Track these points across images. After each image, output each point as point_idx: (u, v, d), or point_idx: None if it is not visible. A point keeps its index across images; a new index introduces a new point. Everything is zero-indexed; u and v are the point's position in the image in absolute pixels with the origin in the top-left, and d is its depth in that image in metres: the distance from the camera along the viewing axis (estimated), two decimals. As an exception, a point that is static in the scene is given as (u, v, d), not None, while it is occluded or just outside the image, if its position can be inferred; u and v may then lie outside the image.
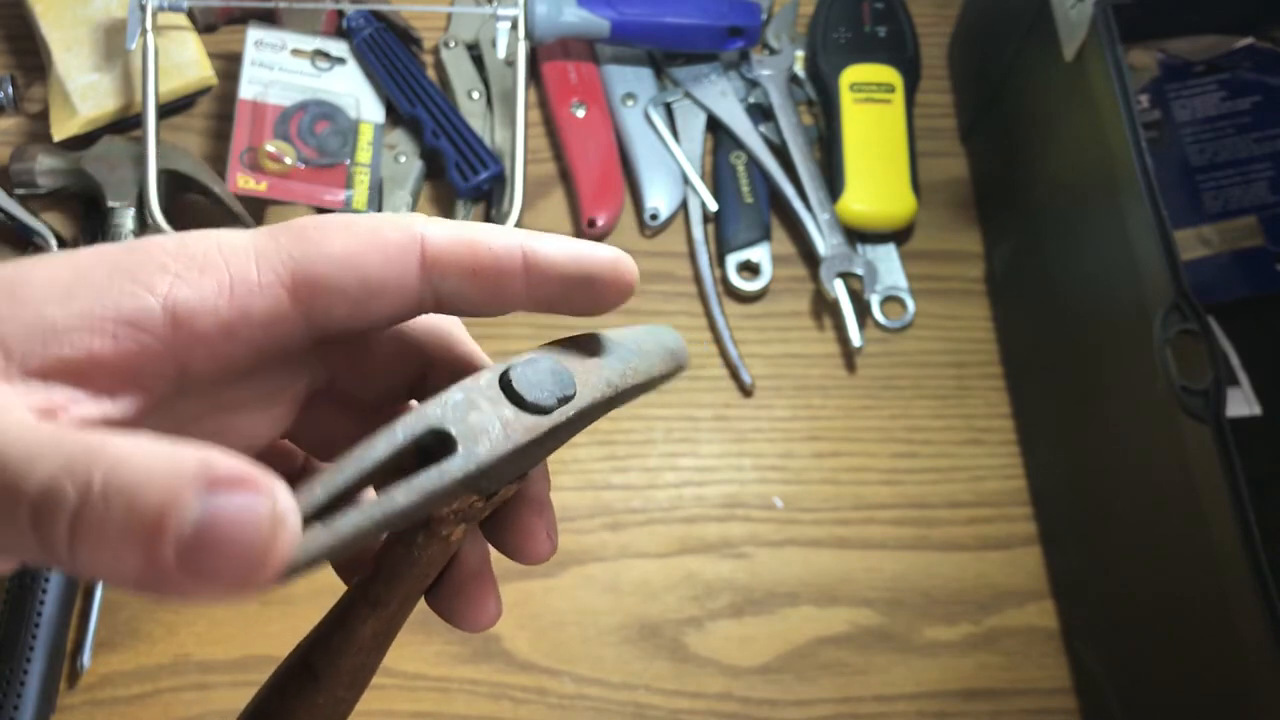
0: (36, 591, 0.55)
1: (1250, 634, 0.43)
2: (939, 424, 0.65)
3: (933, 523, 0.63)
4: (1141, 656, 0.55)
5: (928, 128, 0.72)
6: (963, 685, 0.60)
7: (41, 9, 0.67)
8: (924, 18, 0.74)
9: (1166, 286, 0.47)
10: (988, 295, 0.69)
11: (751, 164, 0.70)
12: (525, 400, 0.25)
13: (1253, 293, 0.63)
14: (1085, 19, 0.52)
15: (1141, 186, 0.48)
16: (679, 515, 0.62)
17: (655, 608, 0.60)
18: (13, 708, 0.53)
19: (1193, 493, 0.46)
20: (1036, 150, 0.62)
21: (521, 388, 0.25)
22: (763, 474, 0.64)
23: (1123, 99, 0.50)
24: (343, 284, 0.23)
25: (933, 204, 0.70)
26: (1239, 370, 0.62)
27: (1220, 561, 0.45)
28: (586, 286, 0.26)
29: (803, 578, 0.61)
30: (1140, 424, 0.51)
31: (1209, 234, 0.64)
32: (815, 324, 0.68)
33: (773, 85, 0.72)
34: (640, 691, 0.59)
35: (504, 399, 0.25)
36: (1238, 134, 0.65)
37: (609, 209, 0.68)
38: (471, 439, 0.23)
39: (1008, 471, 0.64)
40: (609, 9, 0.68)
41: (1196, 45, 0.65)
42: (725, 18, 0.70)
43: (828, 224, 0.68)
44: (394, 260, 0.24)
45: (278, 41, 0.68)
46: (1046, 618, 0.61)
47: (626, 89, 0.71)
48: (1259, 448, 0.51)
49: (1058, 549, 0.62)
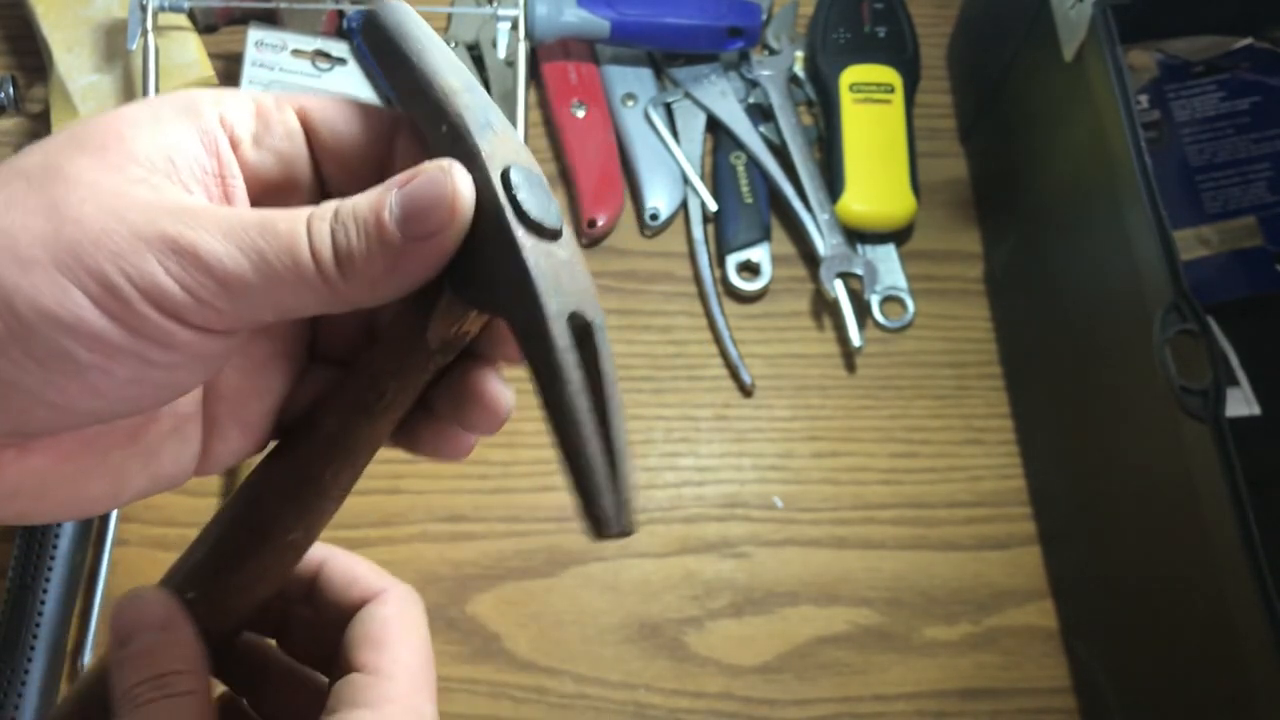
0: (37, 591, 0.55)
1: (1249, 633, 0.43)
2: (938, 424, 0.65)
3: (932, 522, 0.63)
4: (1140, 656, 0.55)
5: (927, 128, 0.72)
6: (962, 685, 0.60)
7: (43, 10, 0.67)
8: (924, 18, 0.74)
9: (1166, 287, 0.47)
10: (987, 295, 0.69)
11: (751, 164, 0.70)
12: (544, 227, 0.26)
13: (1252, 293, 0.63)
14: (1085, 19, 0.52)
15: (1141, 187, 0.48)
16: (679, 515, 0.63)
17: (655, 607, 0.60)
18: (13, 708, 0.53)
19: (1192, 492, 0.46)
20: (1036, 151, 0.62)
21: (532, 211, 0.25)
22: (762, 474, 0.64)
23: (1122, 99, 0.50)
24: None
25: (932, 204, 0.71)
26: (1238, 370, 0.62)
27: (1219, 561, 0.45)
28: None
29: (802, 577, 0.61)
30: (1139, 424, 0.51)
31: (1208, 234, 0.64)
32: (815, 324, 0.68)
33: (772, 85, 0.72)
34: (640, 691, 0.59)
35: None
36: (1237, 134, 0.65)
37: (609, 209, 0.68)
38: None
39: (1007, 471, 0.65)
40: (609, 9, 0.68)
41: (1196, 46, 0.65)
42: (725, 18, 0.70)
43: (827, 224, 0.68)
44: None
45: (278, 42, 0.68)
46: (1045, 617, 0.61)
47: (626, 89, 0.71)
48: (1258, 448, 0.51)
49: (1057, 549, 0.62)
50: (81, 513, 0.28)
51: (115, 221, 0.23)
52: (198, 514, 0.60)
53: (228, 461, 0.30)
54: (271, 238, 0.24)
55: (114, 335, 0.23)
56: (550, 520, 0.62)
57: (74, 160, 0.24)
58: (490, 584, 0.60)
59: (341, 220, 0.24)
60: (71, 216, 0.23)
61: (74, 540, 0.56)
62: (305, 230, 0.24)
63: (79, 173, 0.23)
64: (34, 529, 0.56)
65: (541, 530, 0.62)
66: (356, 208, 0.24)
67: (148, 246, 0.23)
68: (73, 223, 0.23)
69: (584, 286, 0.26)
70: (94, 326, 0.23)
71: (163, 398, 0.26)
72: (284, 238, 0.24)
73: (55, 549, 0.56)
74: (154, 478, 0.28)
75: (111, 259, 0.23)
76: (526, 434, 0.64)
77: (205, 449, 0.29)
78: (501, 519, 0.62)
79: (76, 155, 0.24)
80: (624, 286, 0.68)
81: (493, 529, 0.61)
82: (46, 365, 0.23)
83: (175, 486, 0.29)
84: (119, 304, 0.23)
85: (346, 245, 0.24)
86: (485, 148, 0.25)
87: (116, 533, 0.59)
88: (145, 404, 0.26)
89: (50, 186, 0.23)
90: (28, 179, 0.23)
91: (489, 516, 0.62)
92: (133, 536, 0.60)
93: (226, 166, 0.26)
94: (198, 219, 0.23)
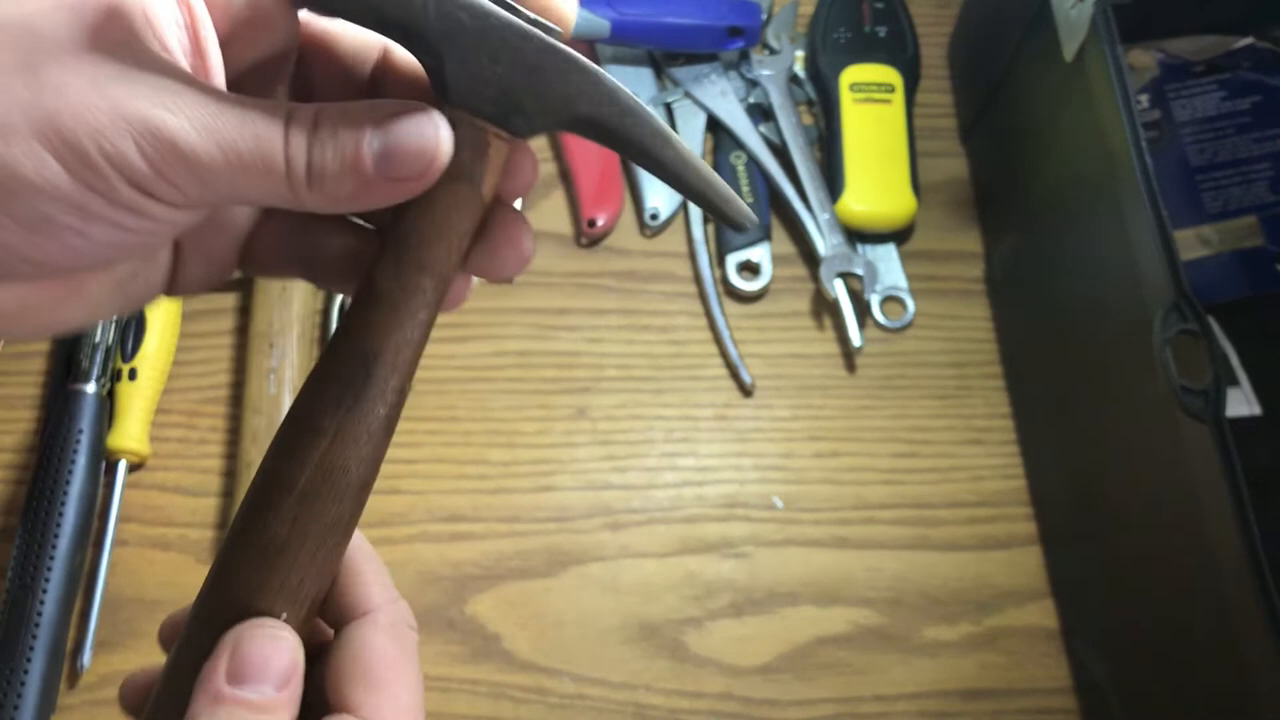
0: (37, 591, 0.55)
1: (1249, 634, 0.43)
2: (939, 424, 0.65)
3: (933, 523, 0.63)
4: (1141, 656, 0.55)
5: (928, 128, 0.72)
6: (963, 685, 0.60)
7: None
8: (924, 18, 0.74)
9: (1166, 286, 0.47)
10: (987, 295, 0.69)
11: (751, 164, 0.70)
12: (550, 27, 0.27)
13: (1253, 293, 0.63)
14: (1085, 19, 0.52)
15: (1141, 186, 0.48)
16: (679, 515, 0.63)
17: (655, 608, 0.60)
18: (13, 708, 0.53)
19: (1192, 493, 0.46)
20: (1036, 150, 0.62)
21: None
22: (763, 474, 0.64)
23: (1123, 99, 0.50)
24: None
25: (932, 204, 0.70)
26: (1239, 370, 0.62)
27: (1220, 561, 0.45)
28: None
29: (803, 578, 0.61)
30: (1140, 424, 0.51)
31: (1209, 234, 0.64)
32: (815, 324, 0.68)
33: (773, 85, 0.72)
34: (640, 691, 0.59)
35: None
36: (1237, 134, 0.65)
37: (609, 209, 0.68)
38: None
39: (1008, 471, 0.65)
40: (609, 9, 0.68)
41: (1196, 45, 0.65)
42: (725, 18, 0.70)
43: (828, 224, 0.68)
44: None
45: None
46: (1047, 617, 0.61)
47: (627, 89, 0.71)
48: (1258, 447, 0.51)
49: (1058, 549, 0.62)
50: (56, 332, 0.29)
51: (96, 95, 0.23)
52: (198, 514, 0.61)
53: (194, 289, 0.31)
54: (249, 136, 0.24)
55: (90, 203, 0.24)
56: (550, 520, 0.62)
57: (52, 16, 0.24)
58: (490, 584, 0.60)
59: (320, 138, 0.25)
60: (52, 84, 0.23)
61: (73, 540, 0.56)
62: (283, 137, 0.25)
63: (57, 31, 0.24)
64: (32, 530, 0.56)
65: (541, 530, 0.62)
66: (338, 130, 0.25)
67: (127, 125, 0.23)
68: (53, 91, 0.23)
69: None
70: (70, 195, 0.24)
71: (136, 252, 0.27)
72: (261, 140, 0.24)
73: (55, 549, 0.56)
74: (126, 299, 0.29)
75: (90, 134, 0.23)
76: (526, 434, 0.64)
77: (173, 275, 0.30)
78: (501, 519, 0.62)
79: (54, 10, 0.24)
80: (624, 286, 0.68)
81: (492, 529, 0.61)
82: (27, 226, 0.24)
83: (145, 305, 0.31)
84: (95, 176, 0.24)
85: (320, 163, 0.25)
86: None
87: (116, 533, 0.59)
88: (119, 257, 0.27)
89: (31, 47, 0.24)
90: (9, 36, 0.24)
91: (488, 517, 0.62)
92: (132, 537, 0.60)
93: (199, 17, 0.27)
94: (178, 102, 0.24)
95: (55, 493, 0.57)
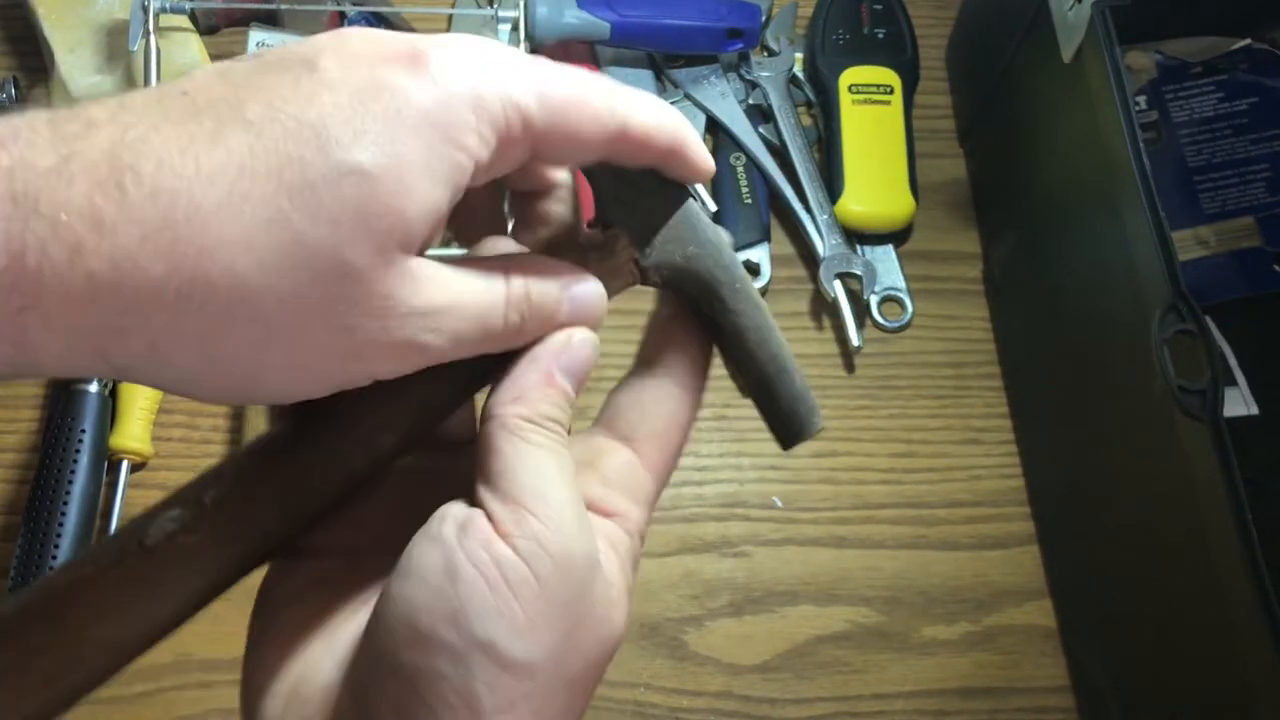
0: (39, 590, 0.55)
1: (1247, 632, 0.44)
2: (937, 424, 0.66)
3: (931, 522, 0.63)
4: (1139, 654, 0.55)
5: (926, 129, 0.73)
6: (961, 683, 0.60)
7: (44, 10, 0.67)
8: (923, 19, 0.74)
9: (1164, 287, 0.47)
10: (986, 296, 0.69)
11: (751, 165, 0.70)
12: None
13: (1250, 293, 0.64)
14: (1083, 20, 0.52)
15: (1139, 187, 0.48)
16: (678, 514, 0.63)
17: (655, 606, 0.61)
18: (15, 706, 0.53)
19: (1190, 492, 0.47)
20: (1034, 151, 0.63)
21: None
22: (762, 473, 0.64)
23: (1120, 100, 0.50)
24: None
25: (931, 205, 0.71)
26: (1236, 370, 0.62)
27: (1217, 560, 0.45)
28: (669, 157, 0.31)
29: (802, 577, 0.62)
30: (1138, 424, 0.52)
31: (1206, 235, 0.65)
32: (814, 324, 0.68)
33: (772, 87, 0.72)
34: (640, 690, 0.59)
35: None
36: (1235, 135, 0.65)
37: (609, 210, 0.68)
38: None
39: (1005, 471, 0.65)
40: (609, 11, 0.68)
41: (1194, 46, 0.66)
42: (724, 20, 0.70)
43: (827, 225, 0.68)
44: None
45: (279, 43, 0.68)
46: (1044, 616, 0.61)
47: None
48: (1256, 447, 0.52)
49: (1055, 548, 0.62)
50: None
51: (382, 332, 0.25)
52: (199, 513, 0.61)
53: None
54: (479, 331, 0.27)
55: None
56: (550, 520, 0.62)
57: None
58: (491, 583, 0.60)
59: (531, 305, 0.28)
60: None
61: (76, 540, 0.56)
62: (502, 321, 0.27)
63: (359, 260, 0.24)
64: (34, 529, 0.56)
65: (542, 530, 0.62)
66: (544, 301, 0.29)
67: (390, 347, 0.25)
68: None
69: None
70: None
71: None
72: (488, 332, 0.27)
73: (57, 548, 0.56)
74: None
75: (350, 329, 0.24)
76: (527, 434, 0.64)
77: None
78: (502, 518, 0.62)
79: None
80: (624, 287, 0.68)
81: (493, 528, 0.62)
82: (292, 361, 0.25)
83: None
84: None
85: (520, 327, 0.28)
86: None
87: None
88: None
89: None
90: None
91: (489, 516, 0.62)
92: (134, 536, 0.60)
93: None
94: (438, 319, 0.25)
95: (58, 492, 0.57)
